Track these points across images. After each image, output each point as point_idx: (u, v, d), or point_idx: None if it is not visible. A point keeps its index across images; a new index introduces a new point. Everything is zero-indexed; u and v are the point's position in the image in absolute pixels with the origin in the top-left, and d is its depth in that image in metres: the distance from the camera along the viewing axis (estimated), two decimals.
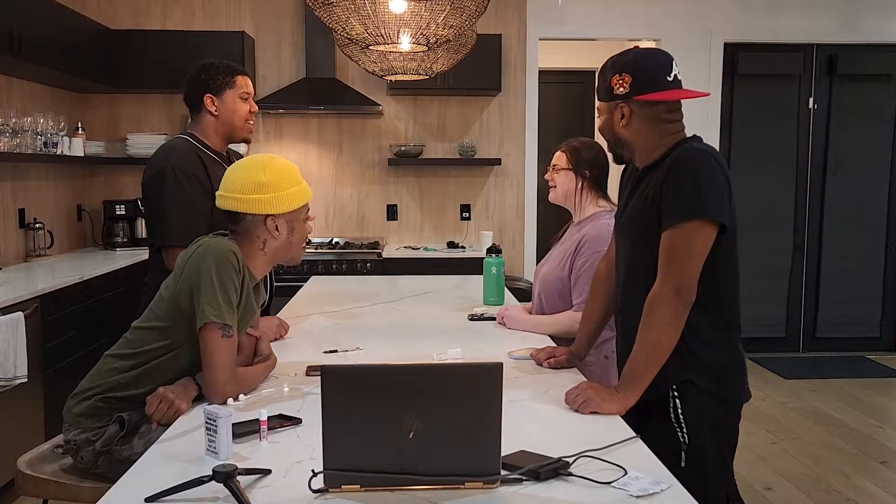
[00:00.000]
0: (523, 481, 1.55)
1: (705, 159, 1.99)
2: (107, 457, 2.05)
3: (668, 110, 2.07)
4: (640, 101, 2.04)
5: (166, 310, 2.09)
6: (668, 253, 1.96)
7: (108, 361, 2.14)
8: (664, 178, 1.98)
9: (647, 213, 2.03)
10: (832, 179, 6.54)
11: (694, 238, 1.93)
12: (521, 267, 6.30)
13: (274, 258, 2.20)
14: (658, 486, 1.53)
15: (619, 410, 1.97)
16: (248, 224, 2.13)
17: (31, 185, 5.07)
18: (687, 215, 1.93)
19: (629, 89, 2.03)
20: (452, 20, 2.67)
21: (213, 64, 2.88)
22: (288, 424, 1.86)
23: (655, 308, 1.96)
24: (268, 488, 1.53)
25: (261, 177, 2.08)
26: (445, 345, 2.63)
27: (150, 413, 1.97)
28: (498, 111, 6.22)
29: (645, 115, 2.06)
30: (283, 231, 2.14)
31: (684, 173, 1.95)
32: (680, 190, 1.95)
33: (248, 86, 2.91)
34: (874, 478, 4.10)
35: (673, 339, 1.95)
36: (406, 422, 1.46)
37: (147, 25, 5.87)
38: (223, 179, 2.15)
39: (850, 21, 6.36)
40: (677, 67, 2.06)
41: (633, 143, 2.10)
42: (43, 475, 2.13)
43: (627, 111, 2.06)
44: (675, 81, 2.05)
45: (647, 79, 2.03)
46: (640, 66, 2.04)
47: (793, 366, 6.28)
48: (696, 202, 1.93)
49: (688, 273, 1.93)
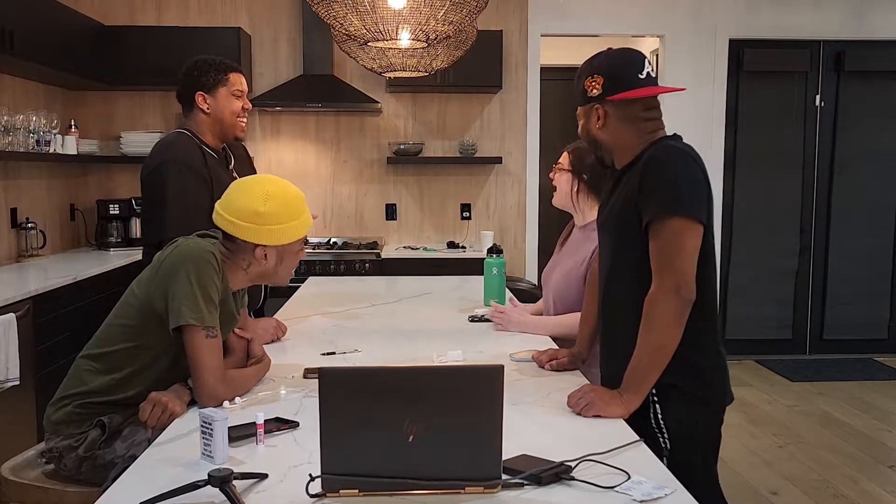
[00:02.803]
0: (525, 486, 1.54)
1: (681, 156, 2.00)
2: (90, 462, 2.04)
3: (645, 108, 2.08)
4: (614, 102, 2.05)
5: (137, 308, 2.08)
6: (658, 253, 1.96)
7: (80, 364, 2.13)
8: (640, 177, 1.99)
9: (625, 212, 2.03)
10: (839, 178, 6.49)
11: (682, 235, 1.93)
12: (523, 267, 6.27)
13: (256, 280, 2.20)
14: (662, 490, 1.53)
15: (623, 414, 1.95)
16: (238, 246, 2.12)
17: (24, 183, 5.04)
18: (667, 213, 1.93)
19: (602, 90, 2.05)
20: (452, 16, 2.66)
21: (205, 60, 2.86)
22: (285, 428, 1.85)
23: (656, 309, 1.94)
24: (264, 493, 1.52)
25: (259, 206, 2.06)
26: (445, 347, 2.62)
27: (143, 419, 1.94)
28: (499, 109, 6.18)
29: (621, 115, 2.07)
30: (271, 260, 2.14)
31: (661, 171, 1.97)
32: (657, 188, 1.95)
33: (242, 83, 2.89)
34: (882, 482, 4.07)
35: (676, 339, 1.94)
36: (405, 425, 1.46)
37: (142, 21, 5.84)
38: (225, 194, 2.14)
39: (858, 16, 6.31)
40: (650, 66, 2.07)
41: (611, 144, 2.12)
42: (27, 481, 2.11)
43: (602, 112, 2.08)
44: (649, 79, 2.05)
45: (619, 78, 2.04)
46: (611, 67, 2.06)
47: (799, 368, 6.24)
48: (675, 200, 1.94)
49: (685, 270, 1.93)
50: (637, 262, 2.00)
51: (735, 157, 6.37)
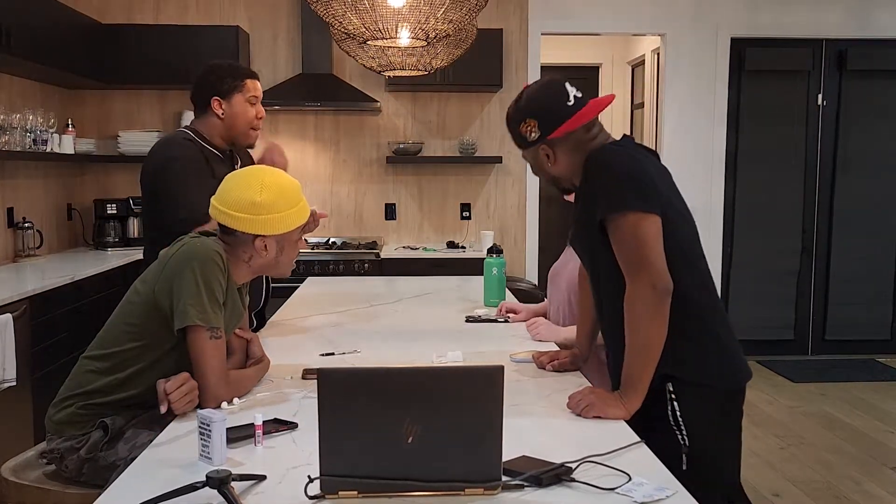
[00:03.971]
0: (525, 487, 1.54)
1: (617, 155, 2.03)
2: (92, 463, 2.02)
3: (586, 130, 2.10)
4: (555, 139, 2.08)
5: (142, 307, 2.06)
6: (622, 253, 1.98)
7: (83, 364, 2.12)
8: (584, 183, 2.07)
9: (587, 220, 2.06)
10: (842, 179, 6.46)
11: (638, 228, 1.94)
12: (523, 267, 6.25)
13: (259, 272, 2.21)
14: (663, 491, 1.52)
15: (623, 415, 1.96)
16: (238, 239, 2.12)
17: (20, 183, 5.01)
18: (616, 210, 1.95)
19: (540, 132, 2.08)
20: (452, 14, 2.65)
21: (221, 66, 2.88)
22: (284, 429, 1.85)
23: (634, 307, 1.96)
24: (263, 495, 1.52)
25: (256, 196, 2.06)
26: (445, 347, 2.61)
27: (169, 392, 1.91)
28: (499, 108, 6.15)
29: (566, 147, 2.09)
30: (272, 251, 2.13)
31: (600, 172, 2.01)
32: (601, 188, 2.00)
33: (258, 89, 2.91)
34: (885, 484, 4.05)
35: (661, 333, 1.95)
36: (405, 426, 1.46)
37: (139, 19, 5.82)
38: (220, 187, 2.13)
39: (861, 15, 6.28)
40: (573, 87, 2.09)
41: (568, 175, 2.14)
42: (27, 482, 2.10)
43: (550, 151, 2.11)
44: (577, 102, 2.07)
45: (551, 114, 2.06)
46: (539, 106, 2.09)
47: (801, 369, 6.21)
48: (620, 196, 1.95)
49: (652, 262, 1.93)
50: (614, 262, 2.01)
51: (736, 156, 6.35)
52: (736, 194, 6.38)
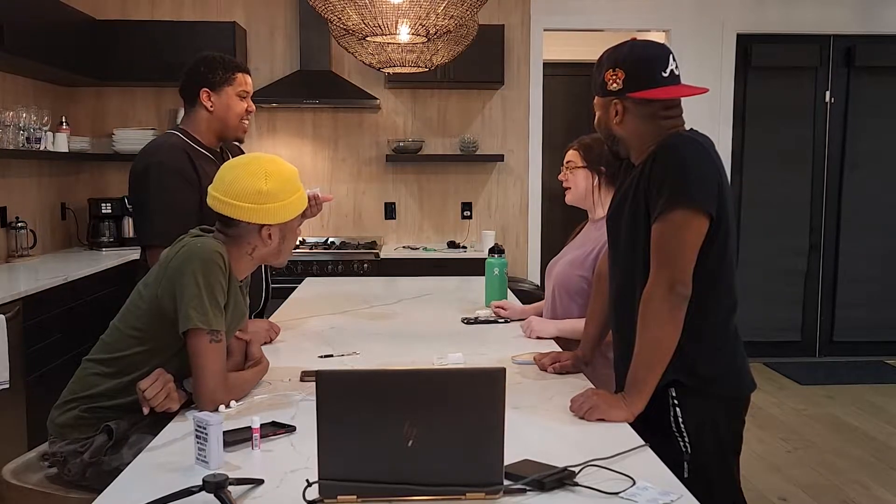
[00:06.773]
0: (527, 492, 1.54)
1: (691, 146, 1.97)
2: (95, 468, 2.02)
3: (665, 107, 2.04)
4: (633, 99, 2.02)
5: (146, 311, 2.06)
6: (657, 246, 1.94)
7: (88, 367, 2.12)
8: (650, 168, 1.97)
9: (635, 207, 2.02)
10: (849, 177, 6.42)
11: (683, 229, 1.90)
12: (525, 267, 6.22)
13: (260, 262, 2.21)
14: (668, 496, 1.52)
15: (627, 418, 1.93)
16: (241, 230, 2.11)
17: (13, 182, 4.98)
18: (673, 205, 1.90)
19: (622, 86, 2.01)
20: (453, 10, 2.63)
21: (213, 57, 2.86)
22: (281, 432, 1.85)
23: (650, 306, 1.93)
24: (260, 499, 1.52)
25: (262, 185, 2.05)
26: (446, 349, 2.61)
27: (143, 389, 1.91)
28: (501, 105, 6.12)
29: (639, 112, 2.04)
30: (275, 239, 2.14)
31: (669, 161, 1.94)
32: (665, 178, 1.93)
33: (248, 84, 2.90)
34: (894, 488, 4.02)
35: (673, 336, 1.92)
36: (405, 429, 1.46)
37: (134, 15, 5.78)
38: (217, 178, 2.11)
39: (869, 11, 6.23)
40: (675, 62, 2.03)
41: (628, 140, 2.09)
42: (29, 485, 2.11)
43: (621, 108, 2.05)
44: (672, 77, 2.02)
45: (640, 75, 2.00)
46: (634, 62, 2.01)
47: (809, 371, 6.18)
48: (681, 191, 1.90)
49: (680, 266, 1.90)
50: (643, 247, 1.98)
51: (743, 154, 6.31)
52: (742, 193, 6.33)
